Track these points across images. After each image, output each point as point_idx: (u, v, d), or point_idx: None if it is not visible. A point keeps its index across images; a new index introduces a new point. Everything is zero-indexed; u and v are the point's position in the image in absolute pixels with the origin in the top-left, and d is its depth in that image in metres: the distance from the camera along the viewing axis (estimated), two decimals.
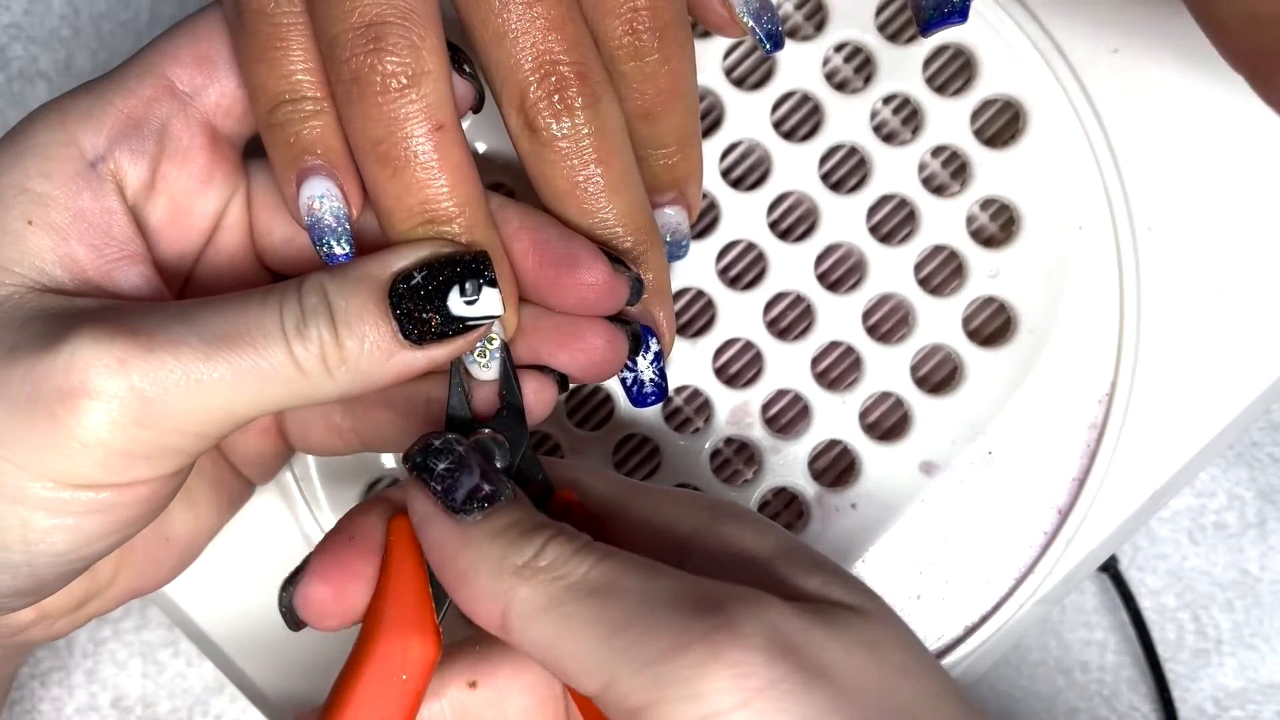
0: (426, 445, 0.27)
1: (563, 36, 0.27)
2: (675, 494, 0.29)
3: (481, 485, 0.26)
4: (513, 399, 0.28)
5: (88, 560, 0.27)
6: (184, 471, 0.27)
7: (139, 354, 0.25)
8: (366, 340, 0.26)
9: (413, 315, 0.26)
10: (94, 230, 0.27)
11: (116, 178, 0.28)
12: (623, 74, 0.28)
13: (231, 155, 0.30)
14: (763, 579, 0.26)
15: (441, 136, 0.26)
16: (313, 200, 0.27)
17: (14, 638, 0.30)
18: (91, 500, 0.26)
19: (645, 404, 0.31)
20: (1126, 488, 0.36)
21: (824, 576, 0.26)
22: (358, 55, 0.26)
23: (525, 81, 0.27)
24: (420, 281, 0.26)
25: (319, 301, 0.26)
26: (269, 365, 0.25)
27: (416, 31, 0.26)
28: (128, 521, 0.27)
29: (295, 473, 0.36)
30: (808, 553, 0.27)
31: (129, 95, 0.28)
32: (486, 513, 0.26)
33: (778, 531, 0.27)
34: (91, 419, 0.25)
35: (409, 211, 0.27)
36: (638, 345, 0.30)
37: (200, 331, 0.25)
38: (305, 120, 0.27)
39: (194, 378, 0.25)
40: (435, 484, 0.26)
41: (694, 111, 0.30)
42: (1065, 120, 0.35)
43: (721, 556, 0.27)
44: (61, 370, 0.25)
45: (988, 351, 0.35)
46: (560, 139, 0.27)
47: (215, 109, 0.29)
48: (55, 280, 0.27)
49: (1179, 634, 0.46)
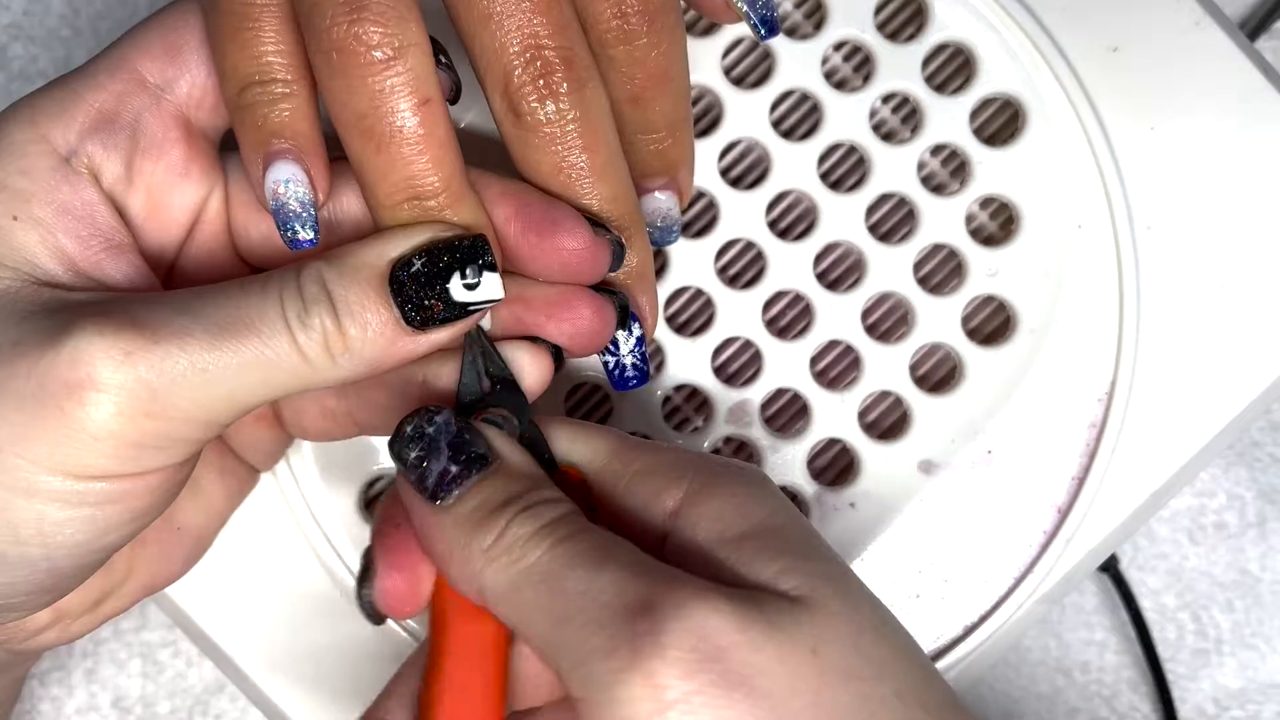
0: (401, 433, 0.27)
1: (548, 20, 0.27)
2: (673, 455, 0.28)
3: (449, 468, 0.26)
4: (500, 371, 0.28)
5: (106, 551, 0.27)
6: (193, 459, 0.28)
7: (145, 346, 0.25)
8: (370, 328, 0.26)
9: (415, 302, 0.26)
10: (78, 222, 0.27)
11: (92, 171, 0.28)
12: (611, 58, 0.28)
13: (208, 149, 0.29)
14: (722, 564, 0.26)
15: (427, 111, 0.26)
16: (278, 185, 0.27)
17: (31, 640, 0.30)
18: (105, 490, 0.26)
19: (627, 387, 0.31)
20: (1126, 487, 0.36)
21: (785, 562, 0.25)
22: (339, 24, 0.25)
23: (510, 65, 0.27)
24: (421, 268, 0.26)
25: (319, 291, 0.26)
26: (274, 354, 0.26)
27: (401, 1, 0.25)
28: (142, 511, 0.27)
29: (295, 473, 0.36)
30: (785, 530, 0.26)
31: (99, 89, 0.28)
32: (457, 496, 0.26)
33: (765, 501, 0.27)
34: (100, 411, 0.25)
35: (393, 187, 0.26)
36: (625, 317, 0.30)
37: (204, 322, 0.25)
38: (274, 103, 0.27)
39: (200, 368, 0.25)
40: (410, 473, 0.27)
41: (684, 96, 0.30)
42: (1065, 119, 0.35)
43: (697, 532, 0.26)
44: (67, 364, 0.25)
45: (987, 350, 0.35)
46: (545, 123, 0.27)
47: (188, 101, 0.29)
48: (49, 274, 0.27)
49: (1179, 634, 0.46)
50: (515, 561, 0.25)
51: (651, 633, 0.23)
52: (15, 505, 0.26)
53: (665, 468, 0.28)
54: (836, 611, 0.25)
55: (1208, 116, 0.36)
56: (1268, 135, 0.36)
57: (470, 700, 0.26)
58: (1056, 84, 0.35)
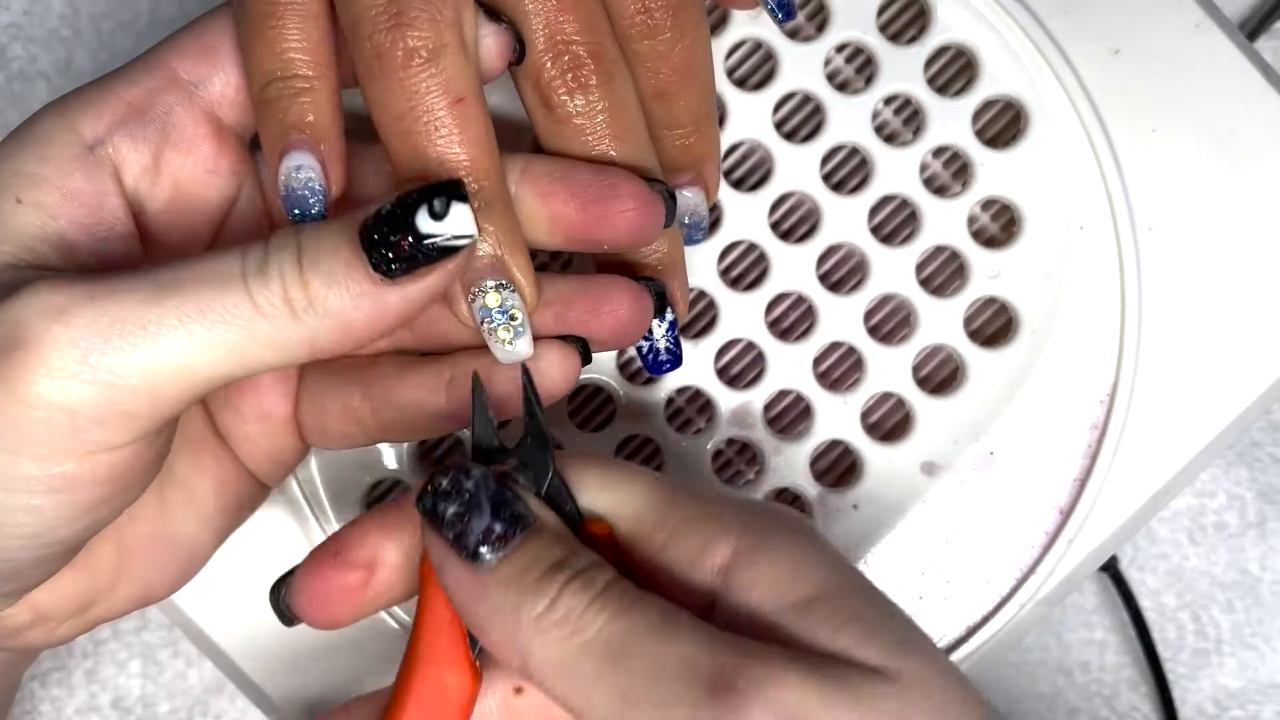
0: (435, 487, 0.25)
1: (576, 16, 0.27)
2: (717, 507, 0.26)
3: (493, 526, 0.25)
4: (536, 426, 0.27)
5: (63, 545, 0.26)
6: (151, 445, 0.26)
7: (81, 302, 0.24)
8: (334, 274, 0.24)
9: (382, 244, 0.24)
10: (84, 210, 0.27)
11: (115, 161, 0.28)
12: (636, 53, 0.29)
13: (237, 146, 0.30)
14: (790, 632, 0.24)
15: (461, 109, 0.26)
16: (289, 172, 0.27)
17: (13, 639, 0.29)
18: (49, 478, 0.25)
19: (661, 371, 0.31)
20: (1128, 488, 0.36)
21: (859, 629, 0.24)
22: (380, 32, 0.26)
23: (540, 59, 0.28)
24: (389, 208, 0.25)
25: (286, 242, 0.25)
26: (225, 310, 0.24)
27: (436, 5, 0.26)
28: (95, 502, 0.26)
29: (297, 472, 0.36)
30: (850, 589, 0.25)
31: (132, 85, 0.28)
32: (502, 556, 0.25)
33: (822, 557, 0.26)
34: (30, 372, 0.24)
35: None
36: (662, 305, 0.30)
37: (154, 279, 0.24)
38: (295, 97, 0.27)
39: (137, 324, 0.24)
40: (446, 530, 0.25)
41: (710, 91, 0.30)
42: (1066, 121, 0.35)
43: (752, 595, 0.25)
44: (10, 325, 0.24)
45: (989, 352, 0.35)
46: (575, 115, 0.28)
47: (220, 99, 0.29)
48: (41, 257, 0.27)
49: (1179, 634, 0.46)
50: (572, 635, 0.24)
51: (735, 709, 0.22)
52: None
53: (709, 520, 0.26)
54: (918, 680, 0.24)
55: (1209, 118, 0.36)
56: (1268, 136, 0.36)
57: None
58: (1058, 86, 0.35)
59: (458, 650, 0.26)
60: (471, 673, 0.26)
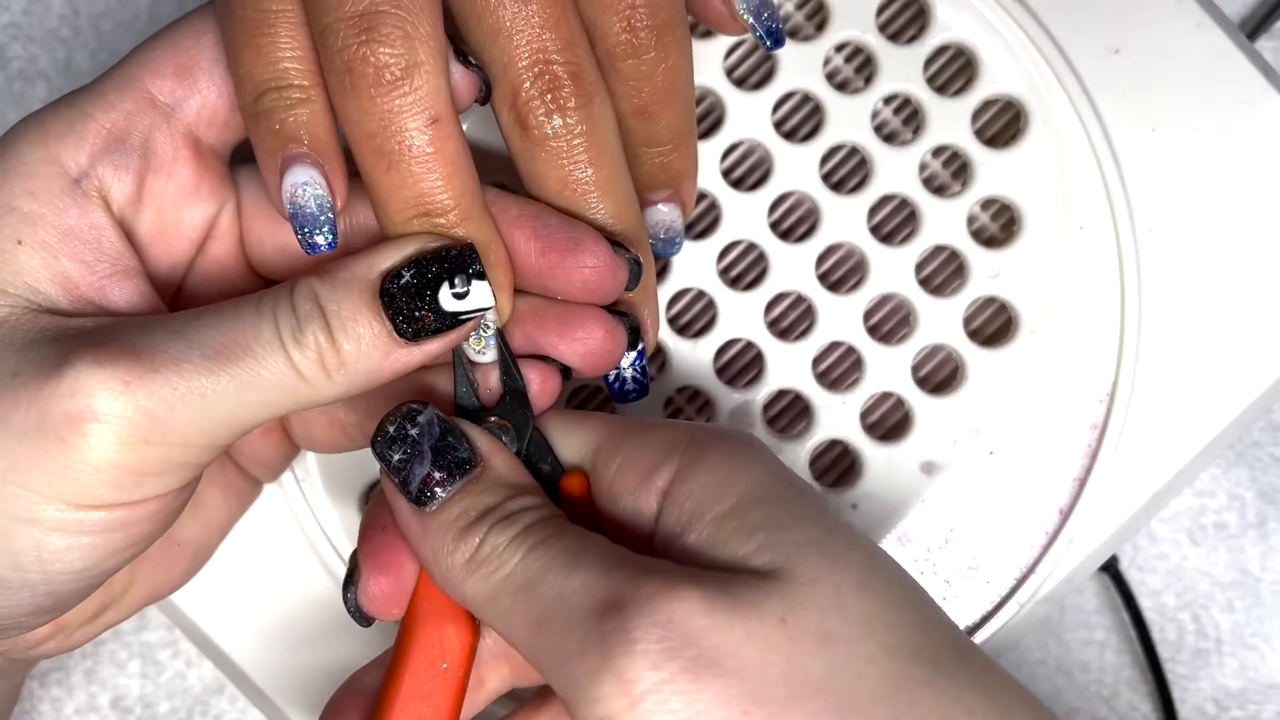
0: (383, 431, 0.27)
1: (557, 35, 0.27)
2: (662, 431, 0.28)
3: (433, 474, 0.26)
4: (513, 383, 0.28)
5: (105, 575, 0.27)
6: (194, 483, 0.28)
7: (142, 375, 0.25)
8: (363, 342, 0.26)
9: (406, 314, 0.26)
10: (84, 246, 0.27)
11: (101, 193, 0.28)
12: (619, 71, 0.28)
13: (217, 166, 0.29)
14: (701, 547, 0.25)
15: (437, 130, 0.26)
16: (295, 188, 0.27)
17: (31, 650, 0.30)
18: (104, 519, 0.26)
19: (627, 400, 0.31)
20: (1128, 488, 0.36)
21: (762, 537, 0.25)
22: (350, 45, 0.25)
23: (518, 79, 0.27)
24: (410, 280, 0.26)
25: (312, 308, 0.26)
26: (270, 374, 0.26)
27: (410, 21, 0.25)
28: (141, 536, 0.27)
29: (296, 473, 0.36)
30: (767, 500, 0.26)
31: (110, 109, 0.28)
32: (441, 501, 0.26)
33: (751, 470, 0.26)
34: (100, 442, 0.25)
35: (404, 204, 0.26)
36: (636, 338, 0.30)
37: (200, 347, 0.25)
38: (290, 108, 0.27)
39: (198, 393, 0.25)
40: (394, 475, 0.27)
41: (690, 110, 0.30)
42: (1066, 121, 0.35)
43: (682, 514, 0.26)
44: (67, 396, 0.25)
45: (989, 351, 0.35)
46: (552, 137, 0.27)
47: (197, 120, 0.29)
48: (50, 300, 0.27)
49: (1179, 634, 0.46)
50: (493, 572, 0.25)
51: (619, 629, 0.23)
52: (16, 533, 0.26)
53: (653, 448, 0.27)
54: (812, 577, 0.24)
55: (1208, 118, 0.36)
56: (1268, 136, 0.36)
57: (426, 705, 0.27)
58: (1058, 85, 0.35)
59: (456, 603, 0.27)
60: (469, 625, 0.27)
